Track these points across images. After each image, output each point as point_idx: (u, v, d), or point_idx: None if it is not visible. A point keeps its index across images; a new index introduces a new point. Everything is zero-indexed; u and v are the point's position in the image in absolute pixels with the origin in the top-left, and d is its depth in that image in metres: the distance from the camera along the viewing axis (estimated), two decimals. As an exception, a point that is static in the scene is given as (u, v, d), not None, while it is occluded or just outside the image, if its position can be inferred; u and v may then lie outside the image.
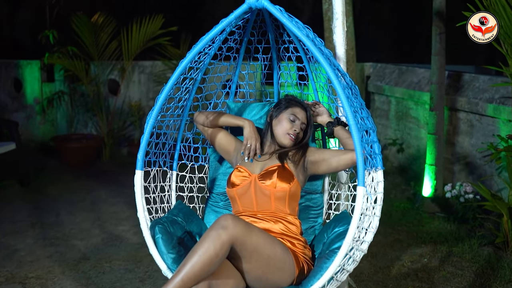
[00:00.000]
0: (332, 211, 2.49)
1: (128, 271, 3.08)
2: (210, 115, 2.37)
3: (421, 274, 3.08)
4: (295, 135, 2.23)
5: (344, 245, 1.76)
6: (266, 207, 2.15)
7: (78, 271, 3.08)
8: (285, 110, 2.28)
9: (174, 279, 1.78)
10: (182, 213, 2.37)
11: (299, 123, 2.25)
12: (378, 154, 2.05)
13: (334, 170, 2.22)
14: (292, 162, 2.21)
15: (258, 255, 1.89)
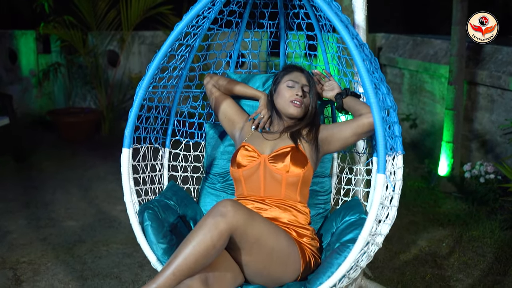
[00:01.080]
0: (341, 197, 2.23)
1: (126, 255, 2.86)
2: (223, 78, 2.18)
3: (440, 260, 2.85)
4: (300, 100, 1.95)
5: (359, 240, 1.51)
6: (275, 193, 1.89)
7: (73, 255, 2.86)
8: (281, 80, 2.02)
9: (164, 272, 1.54)
10: (175, 195, 2.13)
11: (300, 86, 1.97)
12: (398, 137, 1.79)
13: (350, 142, 1.92)
14: (307, 141, 1.94)
15: (260, 247, 1.65)
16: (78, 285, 2.55)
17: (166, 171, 2.30)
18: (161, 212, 1.91)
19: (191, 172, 2.38)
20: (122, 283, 2.58)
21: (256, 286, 1.73)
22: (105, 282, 2.58)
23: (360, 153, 2.15)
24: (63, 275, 2.65)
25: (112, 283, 2.57)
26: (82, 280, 2.59)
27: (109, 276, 2.63)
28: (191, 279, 1.56)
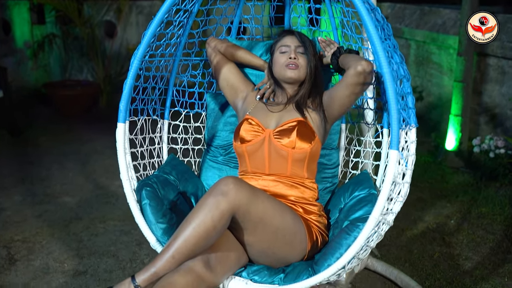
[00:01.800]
0: (349, 170, 2.13)
1: (124, 233, 2.77)
2: (226, 41, 2.06)
3: (448, 238, 2.76)
4: (295, 63, 1.82)
5: (370, 220, 1.40)
6: (281, 170, 1.78)
7: (68, 232, 2.76)
8: (275, 48, 1.91)
9: (163, 255, 1.46)
10: (175, 170, 2.03)
11: (292, 49, 1.85)
12: (411, 108, 1.68)
13: (347, 100, 1.73)
14: (314, 110, 1.82)
15: (264, 227, 1.55)
16: (74, 264, 2.46)
17: (165, 144, 2.19)
18: (160, 189, 1.82)
19: (191, 145, 2.28)
20: (119, 261, 2.49)
21: (260, 266, 1.64)
22: (102, 260, 2.50)
23: (369, 124, 2.04)
24: (58, 253, 2.56)
25: (109, 262, 2.48)
26: (78, 259, 2.50)
27: (106, 255, 2.54)
28: (192, 261, 1.47)
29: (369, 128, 2.04)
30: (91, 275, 2.35)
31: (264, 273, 1.60)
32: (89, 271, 2.39)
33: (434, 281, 2.33)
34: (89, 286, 2.27)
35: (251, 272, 1.61)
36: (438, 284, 2.31)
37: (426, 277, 2.36)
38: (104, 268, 2.42)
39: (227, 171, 2.14)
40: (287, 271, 1.61)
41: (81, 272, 2.38)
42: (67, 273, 2.37)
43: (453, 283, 2.31)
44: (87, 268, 2.41)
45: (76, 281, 2.31)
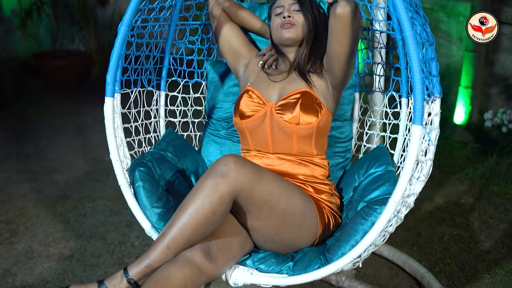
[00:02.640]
0: (364, 143, 1.97)
1: (114, 213, 2.62)
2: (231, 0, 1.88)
3: (459, 218, 2.60)
4: (289, 21, 1.64)
5: (390, 204, 1.24)
6: (286, 148, 1.63)
7: (55, 213, 2.62)
8: (271, 13, 1.74)
9: (158, 245, 1.32)
10: (173, 146, 1.87)
11: (286, 8, 1.67)
12: (436, 76, 1.50)
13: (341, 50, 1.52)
14: (318, 75, 1.65)
15: (270, 210, 1.41)
16: (59, 247, 2.31)
17: (162, 118, 2.03)
18: (155, 168, 1.66)
19: (191, 117, 2.11)
20: (108, 244, 2.35)
21: (267, 253, 1.50)
22: (89, 243, 2.35)
23: (386, 92, 1.87)
24: (43, 236, 2.41)
25: (97, 245, 2.34)
26: (64, 242, 2.36)
27: (94, 237, 2.40)
28: (190, 250, 1.34)
29: (385, 97, 1.87)
30: (77, 260, 2.21)
31: (271, 261, 1.46)
32: (75, 255, 2.24)
33: (444, 266, 2.20)
34: (75, 271, 2.13)
35: (256, 260, 1.47)
36: (449, 270, 2.17)
37: (436, 262, 2.22)
38: (92, 252, 2.28)
39: (230, 146, 1.98)
40: (297, 259, 1.47)
41: (67, 257, 2.23)
42: (51, 257, 2.22)
43: (464, 268, 2.18)
44: (73, 252, 2.27)
45: (61, 266, 2.17)
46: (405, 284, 2.10)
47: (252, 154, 1.67)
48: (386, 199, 1.44)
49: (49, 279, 2.07)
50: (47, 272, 2.12)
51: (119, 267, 2.15)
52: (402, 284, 2.10)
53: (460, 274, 2.14)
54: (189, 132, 2.10)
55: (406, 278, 2.13)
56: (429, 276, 2.00)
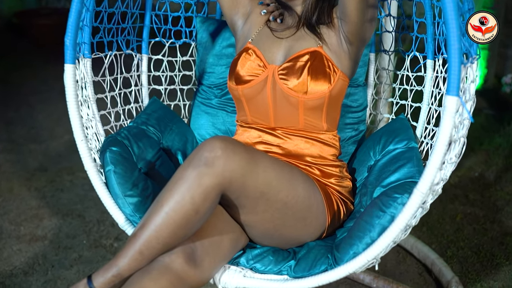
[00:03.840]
0: (380, 113, 1.75)
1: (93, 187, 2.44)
2: None
3: (473, 195, 2.37)
4: None
5: (415, 195, 1.02)
6: (290, 122, 1.39)
7: (30, 188, 2.44)
8: None
9: (128, 250, 1.10)
10: (155, 118, 1.66)
11: None
12: (474, 30, 1.25)
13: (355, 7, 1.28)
14: (331, 29, 1.39)
15: (268, 203, 1.19)
16: (32, 227, 2.14)
17: (145, 86, 1.80)
18: (133, 146, 1.45)
19: (179, 84, 1.89)
20: (86, 223, 2.17)
21: (264, 249, 1.29)
22: (65, 222, 2.17)
23: (408, 53, 1.63)
24: (15, 214, 2.23)
25: (73, 224, 2.16)
26: (37, 221, 2.18)
27: (70, 215, 2.22)
28: (169, 255, 1.12)
29: (407, 58, 1.64)
30: (50, 241, 2.04)
31: (269, 259, 1.25)
32: (48, 236, 2.07)
33: (456, 250, 1.99)
34: (47, 255, 1.96)
35: (251, 258, 1.26)
36: (462, 254, 1.97)
37: (448, 245, 2.02)
38: (67, 232, 2.10)
39: (224, 118, 1.77)
40: (299, 256, 1.26)
41: (39, 237, 2.07)
42: (22, 238, 2.06)
43: (479, 253, 1.97)
44: (46, 232, 2.10)
45: (31, 248, 2.00)
46: (413, 271, 1.90)
47: (248, 127, 1.46)
48: (408, 185, 1.23)
49: (16, 263, 1.90)
50: (16, 255, 1.95)
51: (95, 250, 1.98)
52: (410, 271, 1.91)
53: (475, 259, 1.94)
54: (177, 101, 1.88)
55: (415, 264, 1.94)
56: (440, 263, 1.82)
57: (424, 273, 1.90)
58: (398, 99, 1.67)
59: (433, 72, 1.53)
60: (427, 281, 1.86)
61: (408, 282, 1.84)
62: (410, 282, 1.84)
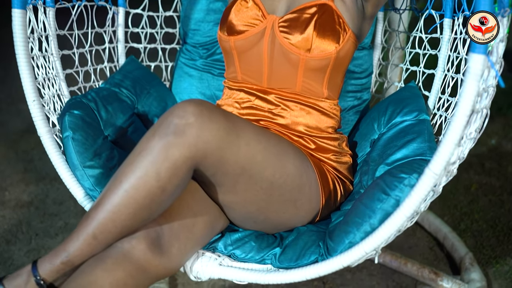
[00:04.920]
0: (388, 80, 1.56)
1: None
2: None
3: (489, 164, 2.22)
4: None
5: (426, 177, 0.83)
6: (286, 83, 1.20)
7: (17, 150, 2.33)
8: None
9: (80, 233, 0.93)
10: (131, 79, 1.48)
11: None
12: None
13: None
14: None
15: (250, 182, 1.01)
16: (17, 192, 2.03)
17: (121, 42, 1.62)
18: (100, 110, 1.28)
19: (161, 42, 1.70)
20: (73, 189, 2.06)
21: (246, 232, 1.13)
22: (52, 187, 2.06)
23: (422, 11, 1.43)
24: (0, 178, 2.13)
25: (61, 189, 2.05)
26: (23, 185, 2.07)
27: (58, 179, 2.09)
28: (129, 240, 0.94)
29: (420, 19, 1.44)
30: (36, 208, 1.94)
31: (251, 245, 1.09)
32: (34, 202, 1.97)
33: (470, 223, 1.86)
34: (31, 222, 1.86)
35: (230, 243, 1.10)
36: (476, 227, 1.83)
37: (461, 218, 1.89)
38: (54, 198, 1.99)
39: (209, 81, 1.59)
40: (287, 243, 1.09)
41: (25, 203, 1.96)
42: (7, 204, 1.96)
43: (495, 226, 1.83)
44: (32, 197, 2.00)
45: (16, 215, 1.89)
46: (423, 245, 1.76)
47: (239, 87, 1.27)
48: (417, 163, 1.05)
49: None
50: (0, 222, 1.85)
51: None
52: (420, 245, 1.77)
53: (490, 234, 1.79)
54: (158, 62, 1.70)
55: (425, 237, 1.80)
56: (453, 237, 1.69)
57: (435, 248, 1.76)
58: (408, 64, 1.48)
59: (451, 33, 1.34)
60: (438, 256, 1.72)
61: (417, 257, 1.71)
62: (419, 257, 1.71)
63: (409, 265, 1.58)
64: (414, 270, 1.56)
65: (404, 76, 1.48)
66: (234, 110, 1.24)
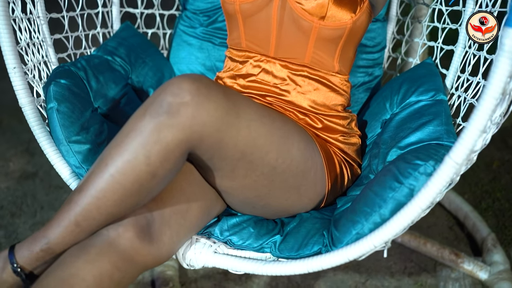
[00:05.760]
0: (402, 55, 1.47)
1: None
2: None
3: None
4: None
5: (446, 166, 0.75)
6: (294, 54, 1.11)
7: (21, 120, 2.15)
8: None
9: (61, 218, 0.85)
10: (126, 47, 1.39)
11: None
12: None
13: None
14: None
15: (250, 167, 0.93)
16: (22, 163, 1.99)
17: (116, 6, 1.52)
18: (90, 80, 1.19)
19: (159, 8, 1.61)
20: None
21: (243, 217, 1.06)
22: None
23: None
24: (4, 148, 2.08)
25: None
26: (28, 156, 2.02)
27: None
28: (115, 228, 0.86)
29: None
30: (41, 180, 1.89)
31: (249, 232, 1.02)
32: (39, 174, 1.92)
33: (492, 202, 1.80)
34: (36, 194, 1.81)
35: (227, 228, 1.03)
36: (498, 206, 1.77)
37: (482, 196, 1.83)
38: None
39: (209, 51, 1.50)
40: (288, 230, 1.02)
41: (30, 175, 1.91)
42: (11, 175, 1.91)
43: None
44: (37, 169, 1.94)
45: (20, 186, 1.85)
46: (442, 225, 1.71)
47: (242, 56, 1.17)
48: (434, 149, 0.97)
49: (4, 203, 1.76)
50: (3, 194, 1.81)
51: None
52: (439, 224, 1.71)
53: None
54: (155, 29, 1.61)
55: (445, 216, 1.75)
56: (474, 217, 1.64)
57: (455, 227, 1.71)
58: (425, 39, 1.38)
59: (475, 6, 1.24)
60: (458, 236, 1.67)
61: (437, 236, 1.66)
62: (438, 237, 1.66)
63: (428, 245, 1.53)
64: (434, 250, 1.52)
65: (420, 51, 1.39)
66: (235, 85, 1.16)
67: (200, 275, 1.49)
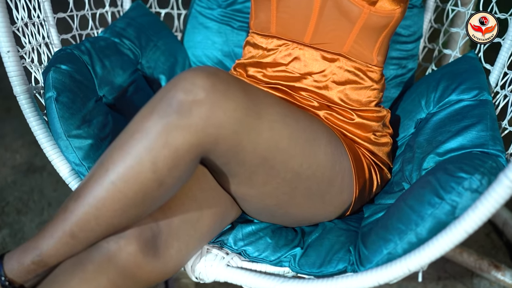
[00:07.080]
0: (440, 47, 1.36)
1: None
2: None
3: None
4: None
5: (500, 186, 0.63)
6: (333, 42, 1.00)
7: None
8: None
9: (55, 228, 0.76)
10: (135, 27, 1.29)
11: None
12: None
13: None
14: None
15: (271, 174, 0.83)
16: (29, 155, 1.92)
17: (127, -17, 1.43)
18: (95, 65, 1.10)
19: (174, -13, 1.51)
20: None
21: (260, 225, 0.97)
22: None
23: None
24: (11, 138, 1.99)
25: None
26: (36, 148, 1.94)
27: None
28: (116, 240, 0.77)
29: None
30: (48, 174, 1.81)
31: (266, 242, 0.93)
32: (47, 167, 1.84)
33: None
34: (44, 189, 1.74)
35: (242, 238, 0.94)
36: None
37: None
38: None
39: (227, 35, 1.40)
40: (310, 242, 0.93)
41: (37, 168, 1.84)
42: (18, 168, 1.84)
43: None
44: (46, 162, 1.86)
45: (27, 181, 1.77)
46: (478, 231, 1.57)
47: (269, 42, 1.06)
48: (480, 159, 0.86)
49: (10, 198, 1.68)
50: (10, 188, 1.73)
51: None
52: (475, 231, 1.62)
53: None
54: (169, 9, 1.51)
55: None
56: None
57: (492, 234, 1.61)
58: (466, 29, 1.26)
59: (527, -6, 1.12)
60: (496, 244, 1.57)
61: (473, 244, 1.56)
62: (474, 245, 1.56)
63: (465, 254, 1.43)
64: (471, 261, 1.42)
65: (461, 43, 1.27)
66: (259, 74, 1.06)
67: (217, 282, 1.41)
